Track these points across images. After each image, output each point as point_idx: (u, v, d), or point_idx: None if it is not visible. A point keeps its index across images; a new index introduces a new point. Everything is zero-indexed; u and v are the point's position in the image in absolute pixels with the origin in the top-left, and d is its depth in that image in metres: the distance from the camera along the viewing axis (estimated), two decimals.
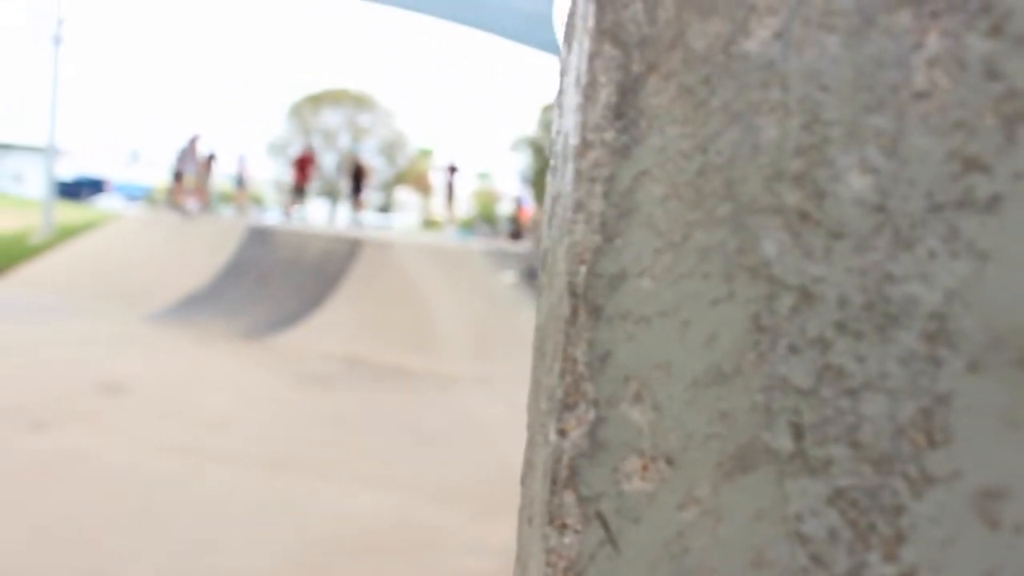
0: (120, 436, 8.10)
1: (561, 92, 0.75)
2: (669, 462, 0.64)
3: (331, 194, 60.74)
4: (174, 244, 18.68)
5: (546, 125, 59.17)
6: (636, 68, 0.66)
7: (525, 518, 0.76)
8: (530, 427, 0.77)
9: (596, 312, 0.67)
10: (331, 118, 70.90)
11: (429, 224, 64.49)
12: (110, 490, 6.73)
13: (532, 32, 23.24)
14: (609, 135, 0.67)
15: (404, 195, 77.78)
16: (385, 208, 79.02)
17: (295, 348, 12.94)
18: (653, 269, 0.65)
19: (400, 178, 72.57)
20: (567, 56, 0.74)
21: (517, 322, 14.11)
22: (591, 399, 0.67)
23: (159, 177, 61.21)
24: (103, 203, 62.97)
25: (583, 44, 0.69)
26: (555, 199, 0.74)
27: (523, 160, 60.84)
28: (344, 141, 50.54)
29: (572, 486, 0.67)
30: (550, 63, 24.63)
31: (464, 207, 22.47)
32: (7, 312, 15.40)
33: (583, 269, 0.67)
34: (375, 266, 14.73)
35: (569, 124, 0.71)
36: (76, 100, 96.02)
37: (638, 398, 0.65)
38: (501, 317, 14.20)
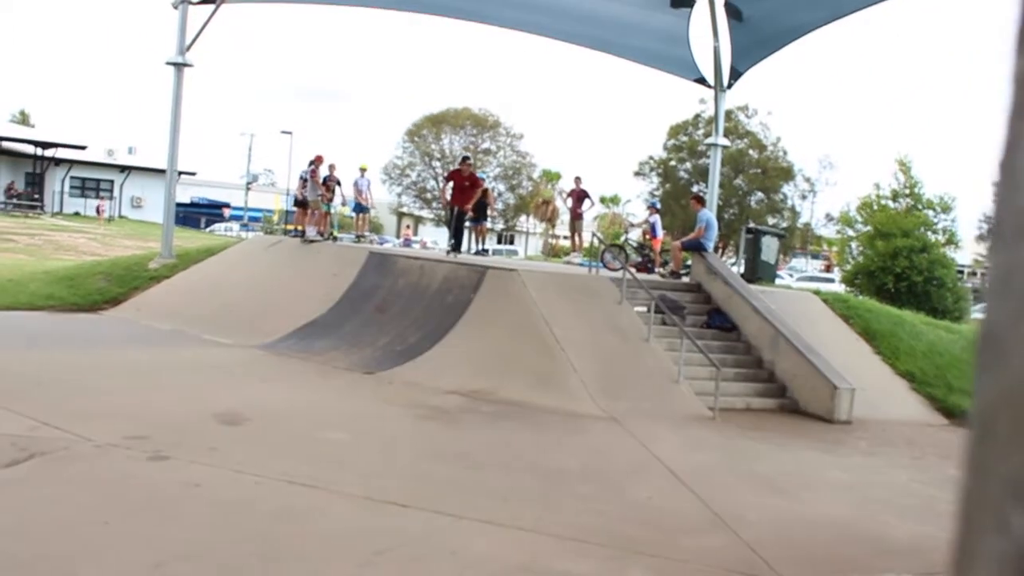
0: (239, 469, 8.01)
1: (1014, 167, 0.71)
2: None
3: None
4: (292, 271, 18.83)
5: (674, 149, 58.63)
6: None
7: None
8: (967, 512, 0.73)
9: None
10: (452, 140, 71.31)
11: (554, 252, 64.40)
12: (229, 525, 6.63)
13: (663, 51, 22.96)
14: None
15: (528, 221, 77.96)
16: (508, 235, 79.33)
17: (416, 382, 12.78)
18: None
19: (524, 204, 72.61)
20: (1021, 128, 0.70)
21: (648, 357, 13.74)
22: None
23: (277, 202, 62.44)
24: (221, 227, 64.64)
25: None
26: (1010, 272, 0.71)
27: (650, 185, 60.36)
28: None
29: None
30: (680, 84, 24.17)
31: (590, 234, 22.03)
32: (127, 338, 15.71)
33: None
34: (499, 296, 14.53)
35: None
36: (196, 124, 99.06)
37: None
38: (631, 351, 13.84)
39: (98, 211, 55.74)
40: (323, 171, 21.32)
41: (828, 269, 57.50)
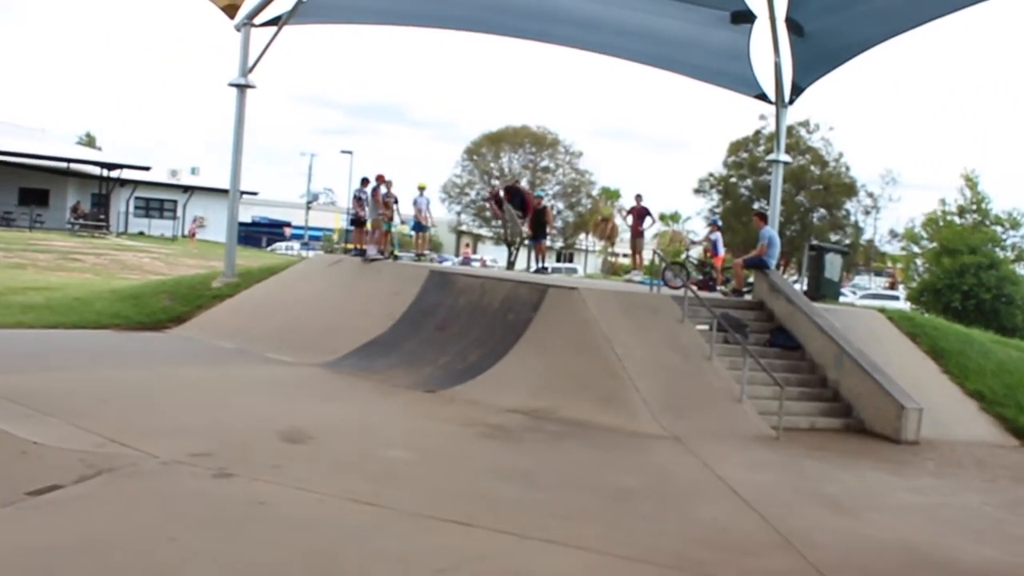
0: (302, 486, 8.03)
1: None
2: None
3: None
4: (353, 289, 18.91)
5: (735, 165, 58.14)
6: None
7: None
8: None
9: None
10: (511, 159, 71.22)
11: (613, 270, 64.11)
12: (294, 542, 6.61)
13: (723, 68, 22.77)
14: None
15: (587, 239, 77.73)
16: (567, 253, 79.09)
17: (477, 400, 12.73)
18: None
19: (583, 222, 72.37)
20: None
21: (710, 376, 13.56)
22: None
23: (337, 221, 62.84)
24: (282, 246, 65.27)
25: None
26: None
27: (711, 202, 59.89)
28: (524, 183, 50.51)
29: None
30: (740, 101, 23.92)
31: (651, 252, 21.84)
32: (190, 356, 15.85)
33: None
34: (560, 314, 14.44)
35: None
36: (257, 143, 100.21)
37: None
38: (693, 370, 13.65)
39: (192, 235, 56.34)
40: (382, 189, 21.28)
41: (892, 286, 56.58)
